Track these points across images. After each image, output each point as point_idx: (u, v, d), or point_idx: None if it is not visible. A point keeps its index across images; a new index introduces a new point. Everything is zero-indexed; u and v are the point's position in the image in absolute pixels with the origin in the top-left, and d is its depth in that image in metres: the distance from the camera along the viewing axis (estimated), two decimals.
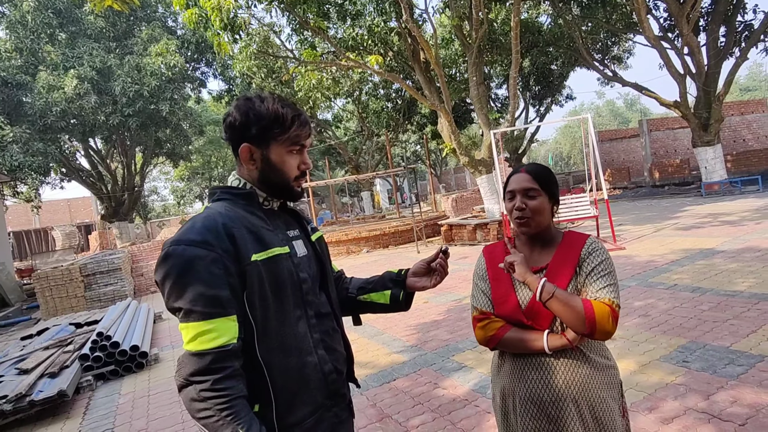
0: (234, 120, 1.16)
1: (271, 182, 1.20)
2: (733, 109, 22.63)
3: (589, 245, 1.37)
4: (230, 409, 0.99)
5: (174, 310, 1.04)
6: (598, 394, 1.33)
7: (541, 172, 1.41)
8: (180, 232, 1.08)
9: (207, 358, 0.99)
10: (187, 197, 38.62)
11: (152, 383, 4.67)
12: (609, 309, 1.26)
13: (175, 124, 17.38)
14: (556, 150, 64.23)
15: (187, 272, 1.02)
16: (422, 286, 1.37)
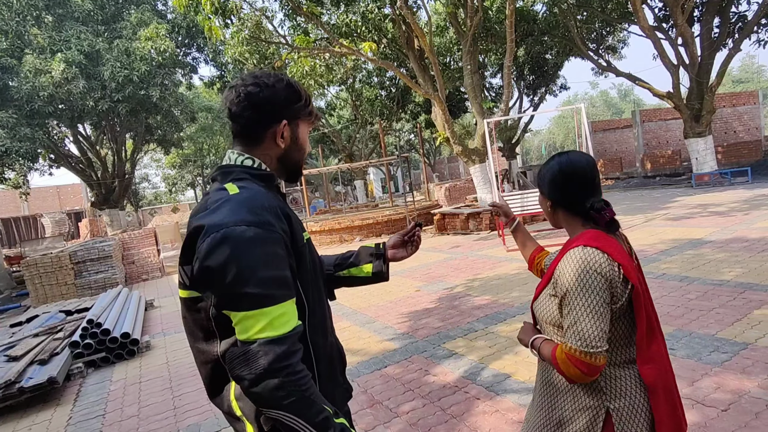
0: (272, 95, 1.09)
1: (291, 161, 1.18)
2: (725, 100, 22.76)
3: (563, 262, 1.21)
4: (311, 389, 0.96)
5: (237, 297, 0.93)
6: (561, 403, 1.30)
7: (542, 171, 1.37)
8: (225, 212, 0.98)
9: (287, 342, 0.94)
10: (178, 185, 38.31)
11: (144, 370, 4.67)
12: (565, 356, 1.15)
13: (165, 111, 17.10)
14: (549, 140, 64.35)
15: (253, 254, 0.94)
16: (401, 256, 1.47)
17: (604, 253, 1.17)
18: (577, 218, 1.30)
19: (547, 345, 1.26)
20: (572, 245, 1.22)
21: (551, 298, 1.25)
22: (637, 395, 1.21)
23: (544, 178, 1.35)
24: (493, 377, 3.36)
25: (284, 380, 0.91)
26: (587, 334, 1.13)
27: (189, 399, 3.77)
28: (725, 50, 13.81)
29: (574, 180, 1.28)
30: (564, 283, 1.18)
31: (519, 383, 3.21)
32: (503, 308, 4.93)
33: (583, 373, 1.13)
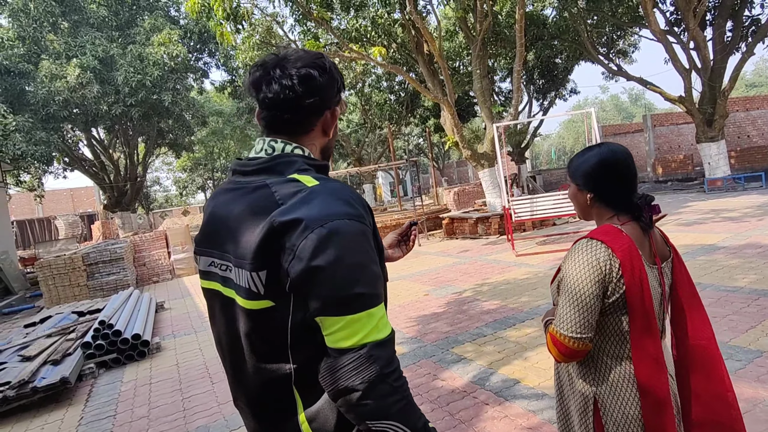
0: (328, 82, 0.98)
1: (329, 150, 1.09)
2: (738, 104, 22.48)
3: (569, 252, 1.28)
4: (411, 394, 0.88)
5: (349, 299, 0.83)
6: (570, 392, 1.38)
7: (576, 163, 1.36)
8: (323, 203, 0.86)
9: (391, 345, 0.86)
10: (189, 188, 38.68)
11: (154, 371, 4.71)
12: (550, 336, 1.27)
13: (177, 115, 17.34)
14: (559, 144, 63.98)
15: (360, 251, 0.86)
16: (397, 257, 1.43)
17: (607, 248, 1.19)
18: (610, 211, 1.31)
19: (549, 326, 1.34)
20: (578, 239, 1.28)
21: (556, 281, 1.34)
22: (626, 389, 1.24)
23: (580, 170, 1.33)
24: (502, 382, 3.34)
25: (395, 385, 0.83)
26: (569, 320, 1.21)
27: (198, 401, 3.80)
28: (738, 54, 13.65)
29: (615, 171, 1.28)
30: (563, 269, 1.26)
31: (528, 389, 3.18)
32: (512, 313, 4.90)
33: (560, 353, 1.23)
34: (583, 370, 1.31)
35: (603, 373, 1.27)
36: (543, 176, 26.64)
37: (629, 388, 1.24)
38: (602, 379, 1.27)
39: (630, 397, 1.24)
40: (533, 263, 7.33)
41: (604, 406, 1.26)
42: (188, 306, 7.89)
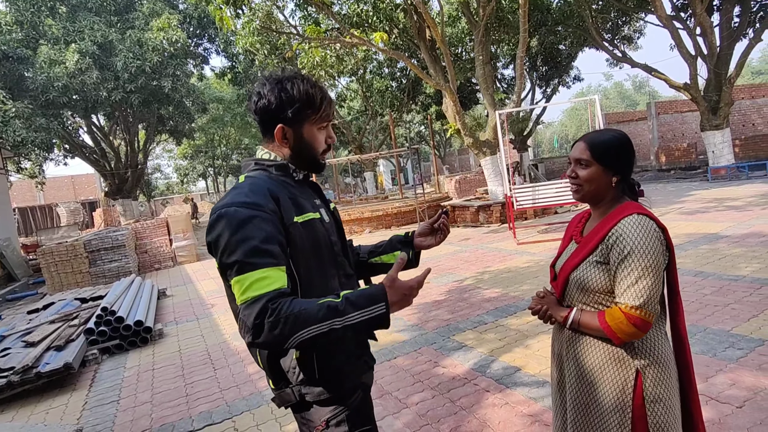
0: (267, 103, 1.21)
1: (302, 157, 1.28)
2: (744, 92, 22.23)
3: (619, 227, 1.27)
4: (297, 305, 1.03)
5: (228, 266, 1.08)
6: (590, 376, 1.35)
7: (599, 142, 1.35)
8: (228, 198, 1.15)
9: (263, 300, 1.03)
10: (190, 175, 38.63)
11: (156, 358, 4.74)
12: (624, 318, 1.23)
13: (177, 101, 17.20)
14: (561, 132, 63.55)
15: (239, 230, 1.08)
16: (428, 244, 1.52)
17: (654, 221, 1.27)
18: (621, 194, 1.37)
19: (588, 314, 1.32)
20: (623, 213, 1.28)
21: (597, 265, 1.31)
22: (667, 358, 1.30)
23: (609, 153, 1.33)
24: (503, 370, 3.35)
25: (272, 321, 1.01)
26: (648, 293, 1.22)
27: (201, 387, 3.82)
28: (745, 40, 13.45)
29: (631, 152, 1.36)
30: (626, 245, 1.24)
31: (529, 376, 3.19)
32: (513, 301, 4.91)
33: (638, 330, 1.22)
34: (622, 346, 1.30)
35: (646, 344, 1.29)
36: (545, 164, 26.49)
37: (669, 357, 1.31)
38: (646, 350, 1.29)
39: (670, 366, 1.30)
40: (534, 251, 7.32)
41: (647, 378, 1.27)
42: (190, 293, 7.92)
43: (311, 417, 1.23)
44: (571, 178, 1.40)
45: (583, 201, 1.41)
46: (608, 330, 1.25)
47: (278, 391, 1.24)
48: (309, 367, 1.20)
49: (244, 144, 35.06)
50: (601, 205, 1.39)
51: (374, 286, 1.12)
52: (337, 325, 1.05)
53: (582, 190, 1.38)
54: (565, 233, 1.58)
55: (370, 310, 1.07)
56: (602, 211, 1.39)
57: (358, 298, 1.08)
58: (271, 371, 1.23)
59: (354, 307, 1.06)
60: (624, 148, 1.34)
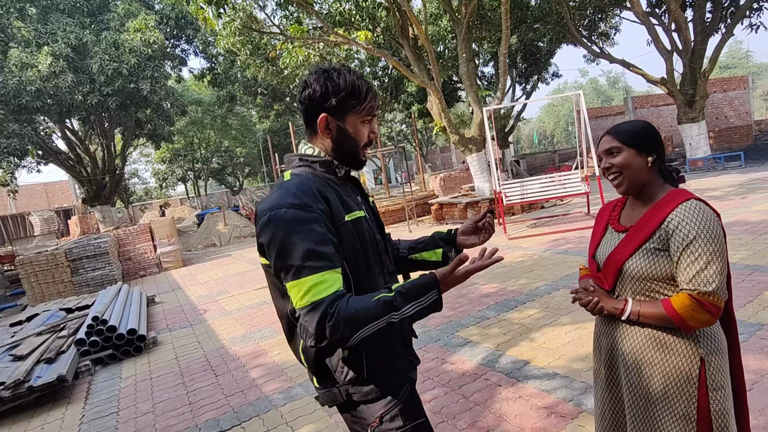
0: (313, 92, 1.20)
1: (343, 150, 1.26)
2: (716, 86, 22.92)
3: (678, 213, 1.25)
4: (354, 304, 1.05)
5: (283, 269, 1.08)
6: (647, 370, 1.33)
7: (624, 128, 1.37)
8: (275, 197, 1.14)
9: (323, 305, 1.04)
10: (169, 180, 37.81)
11: (153, 366, 4.61)
12: (695, 303, 1.20)
13: (156, 104, 16.82)
14: (540, 128, 64.52)
15: (293, 232, 1.07)
16: (471, 243, 1.48)
17: (710, 207, 1.27)
18: (660, 178, 1.37)
19: (648, 304, 1.29)
20: (677, 200, 1.28)
21: (656, 252, 1.28)
22: (723, 344, 1.30)
23: (637, 133, 1.34)
24: (512, 364, 3.36)
25: (333, 325, 1.02)
26: (718, 278, 1.20)
27: (204, 394, 3.73)
28: (718, 35, 13.86)
29: (657, 133, 1.37)
30: (690, 231, 1.22)
31: (539, 369, 3.21)
32: (512, 296, 4.94)
33: (712, 316, 1.21)
34: (685, 335, 1.28)
35: (707, 332, 1.29)
36: (527, 160, 26.85)
37: (725, 344, 1.32)
38: (707, 339, 1.28)
39: (724, 352, 1.30)
40: (526, 246, 7.39)
41: (710, 366, 1.27)
42: (180, 299, 7.75)
43: (362, 414, 1.23)
44: (607, 170, 1.38)
45: (627, 193, 1.39)
46: (677, 318, 1.23)
47: (323, 390, 1.25)
48: (357, 366, 1.20)
49: (224, 147, 34.51)
50: (645, 193, 1.37)
51: (425, 276, 1.14)
52: (394, 319, 1.07)
53: (622, 178, 1.35)
54: (597, 222, 1.56)
55: (423, 300, 1.10)
56: (647, 198, 1.37)
57: (410, 290, 1.10)
58: (317, 370, 1.23)
59: (408, 299, 1.09)
60: (647, 128, 1.36)
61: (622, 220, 1.45)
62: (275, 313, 5.71)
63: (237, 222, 17.33)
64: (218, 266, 10.95)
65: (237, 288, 7.87)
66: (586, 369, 3.10)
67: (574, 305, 4.35)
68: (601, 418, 1.50)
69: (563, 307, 4.36)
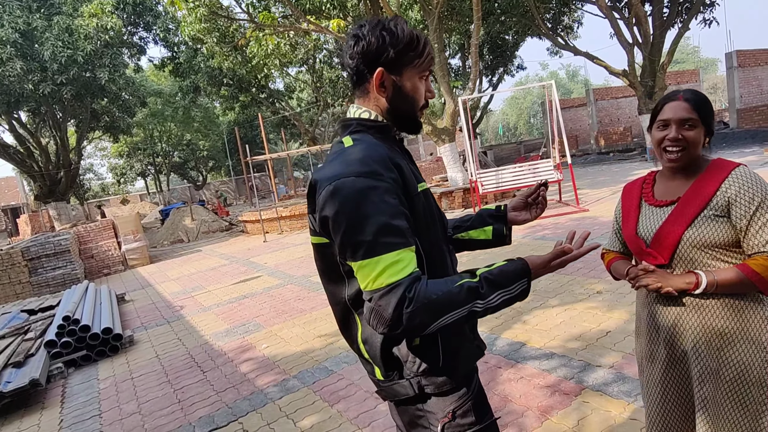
0: (368, 44, 1.05)
1: (400, 112, 1.12)
2: (671, 78, 24.01)
3: (735, 179, 1.25)
4: (436, 288, 0.94)
5: (352, 246, 0.95)
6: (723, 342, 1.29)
7: (701, 100, 1.31)
8: (339, 164, 1.00)
9: (400, 289, 0.92)
10: (128, 175, 36.25)
11: (133, 366, 4.39)
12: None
13: (114, 94, 16.00)
14: (503, 120, 65.84)
15: (363, 204, 0.94)
16: (523, 219, 1.37)
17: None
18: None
19: (725, 272, 1.26)
20: (728, 167, 1.29)
21: (716, 218, 1.26)
22: None
23: (709, 109, 1.32)
24: (509, 346, 3.40)
25: (412, 311, 0.91)
26: None
27: (193, 391, 3.58)
28: (675, 29, 14.48)
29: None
30: (756, 195, 1.23)
31: (536, 350, 3.26)
32: None
33: None
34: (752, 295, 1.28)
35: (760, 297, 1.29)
36: (494, 151, 27.34)
37: None
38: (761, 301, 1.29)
39: None
40: None
41: None
42: (152, 296, 7.44)
43: (431, 408, 1.11)
44: (676, 142, 1.30)
45: (678, 167, 1.35)
46: (758, 279, 1.20)
47: (389, 383, 1.12)
48: (432, 354, 1.08)
49: (186, 140, 33.32)
50: (690, 166, 1.35)
51: (514, 262, 1.04)
52: (478, 307, 0.98)
53: (687, 155, 1.31)
54: (625, 201, 1.52)
55: (512, 289, 1.01)
56: (692, 171, 1.35)
57: (498, 277, 1.00)
58: (384, 361, 1.10)
59: (495, 287, 0.99)
60: (711, 105, 1.32)
61: (659, 195, 1.42)
62: (258, 307, 5.53)
63: (205, 217, 16.81)
64: (189, 262, 10.58)
65: (212, 283, 7.62)
66: (582, 348, 3.17)
67: (561, 287, 4.46)
68: (662, 401, 1.43)
69: (550, 290, 4.45)
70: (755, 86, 20.35)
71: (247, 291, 6.62)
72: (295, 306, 5.42)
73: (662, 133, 1.34)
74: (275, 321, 4.98)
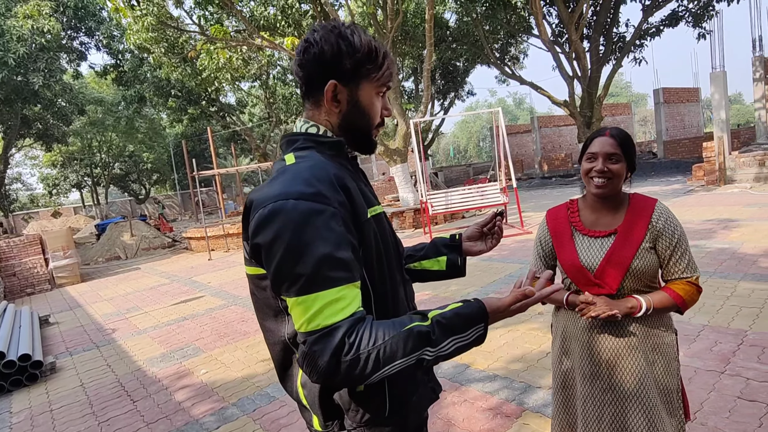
0: (320, 52, 0.94)
1: (354, 128, 1.02)
2: (606, 110, 25.83)
3: (660, 214, 1.43)
4: (380, 333, 0.83)
5: (286, 280, 0.84)
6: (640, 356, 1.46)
7: (625, 138, 1.44)
8: (280, 184, 0.88)
9: (339, 332, 0.81)
10: (61, 186, 33.84)
11: (53, 396, 4.01)
12: (694, 288, 1.43)
13: (49, 101, 15.03)
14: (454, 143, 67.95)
15: (303, 231, 0.83)
16: (479, 250, 1.30)
17: None
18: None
19: (655, 295, 1.42)
20: (650, 202, 1.46)
21: (650, 251, 1.42)
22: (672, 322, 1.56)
23: (632, 146, 1.44)
24: (454, 368, 3.42)
25: (351, 360, 0.81)
26: (695, 264, 1.45)
27: (120, 423, 3.31)
28: (610, 65, 15.64)
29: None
30: (676, 229, 1.42)
31: (480, 372, 3.30)
32: (446, 302, 5.02)
33: (699, 294, 1.44)
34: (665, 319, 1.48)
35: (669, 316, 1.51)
36: (444, 173, 28.03)
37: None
38: (670, 320, 1.50)
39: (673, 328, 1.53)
40: None
41: (677, 336, 1.52)
42: (81, 318, 6.89)
43: None
44: (602, 173, 1.41)
45: (604, 196, 1.45)
46: (681, 302, 1.41)
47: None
48: (377, 402, 0.98)
49: (128, 151, 31.70)
50: (614, 198, 1.48)
51: (470, 304, 0.92)
52: (428, 355, 0.86)
53: (612, 185, 1.42)
54: (553, 229, 1.59)
55: (467, 335, 0.90)
56: (616, 203, 1.48)
57: (451, 321, 0.89)
58: (323, 409, 0.99)
59: (448, 332, 0.88)
60: (633, 144, 1.46)
61: (590, 225, 1.51)
62: (198, 330, 5.27)
63: (145, 232, 15.94)
64: (125, 281, 9.94)
65: (150, 304, 7.19)
66: (523, 369, 3.24)
67: None
68: (599, 417, 1.49)
69: None
70: (678, 120, 22.31)
71: (188, 312, 6.29)
72: (238, 328, 5.21)
73: (590, 164, 1.45)
74: (216, 344, 4.75)
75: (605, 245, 1.45)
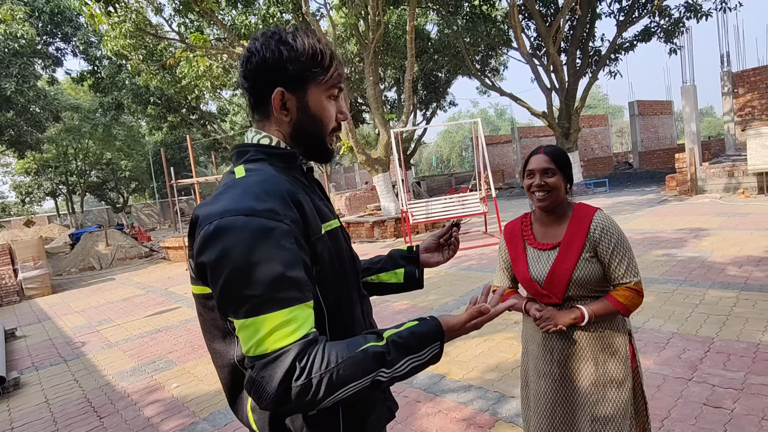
0: (263, 60, 0.92)
1: (307, 136, 0.98)
2: (584, 122, 26.42)
3: (597, 223, 1.49)
4: (335, 354, 0.80)
5: (234, 302, 0.80)
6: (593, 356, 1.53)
7: (558, 153, 1.53)
8: (228, 199, 0.84)
9: (290, 356, 0.77)
10: (34, 194, 32.93)
11: (15, 414, 3.86)
12: (634, 293, 1.48)
13: (22, 107, 14.66)
14: (437, 153, 68.53)
15: (252, 249, 0.79)
16: (436, 261, 1.31)
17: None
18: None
19: (595, 304, 1.48)
20: (590, 211, 1.52)
21: (591, 259, 1.48)
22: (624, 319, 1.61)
23: (566, 160, 1.53)
24: (429, 379, 3.40)
25: (303, 385, 0.76)
26: (637, 268, 1.50)
27: None
28: (586, 78, 16.05)
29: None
30: (613, 236, 1.48)
31: (455, 382, 3.29)
32: (424, 311, 5.06)
33: (642, 298, 1.49)
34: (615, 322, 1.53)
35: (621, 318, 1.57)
36: (427, 182, 28.19)
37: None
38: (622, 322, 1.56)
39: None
40: None
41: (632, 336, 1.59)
42: (49, 331, 6.67)
43: None
44: (541, 187, 1.51)
45: (547, 208, 1.55)
46: (622, 307, 1.47)
47: None
48: (331, 426, 0.94)
49: (106, 159, 31.08)
50: (558, 209, 1.56)
51: (426, 323, 0.90)
52: (383, 377, 0.83)
53: (551, 197, 1.52)
54: (511, 245, 1.68)
55: (423, 354, 0.87)
56: (560, 214, 1.56)
57: (408, 340, 0.86)
58: None
59: (404, 352, 0.85)
60: (568, 157, 1.57)
61: (540, 238, 1.60)
62: (172, 342, 5.16)
63: (122, 242, 15.58)
64: (98, 292, 9.68)
65: (123, 316, 7.00)
66: (498, 379, 3.25)
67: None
68: (551, 414, 1.58)
69: None
70: (653, 132, 22.95)
71: (162, 324, 6.14)
72: None
73: (530, 180, 1.55)
74: (189, 357, 4.64)
75: (551, 258, 1.54)
